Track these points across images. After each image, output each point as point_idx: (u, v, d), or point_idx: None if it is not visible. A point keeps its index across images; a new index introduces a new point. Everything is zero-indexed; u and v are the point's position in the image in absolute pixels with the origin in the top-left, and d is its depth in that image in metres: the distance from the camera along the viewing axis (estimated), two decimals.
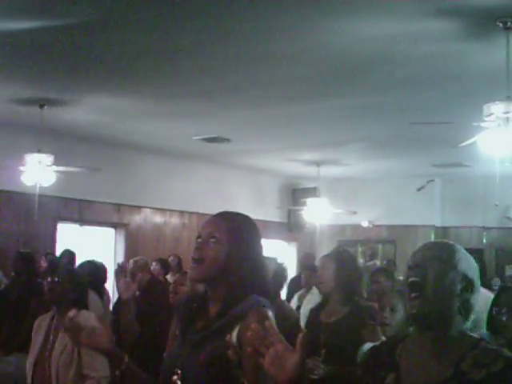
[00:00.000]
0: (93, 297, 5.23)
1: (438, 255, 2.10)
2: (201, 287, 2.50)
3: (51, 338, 4.08)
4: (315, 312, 4.51)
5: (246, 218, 2.45)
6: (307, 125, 9.13)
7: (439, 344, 2.06)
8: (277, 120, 8.88)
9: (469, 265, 2.13)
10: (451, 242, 2.20)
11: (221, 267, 2.28)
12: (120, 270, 4.55)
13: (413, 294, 2.07)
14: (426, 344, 2.08)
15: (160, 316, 5.38)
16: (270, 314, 2.22)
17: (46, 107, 8.17)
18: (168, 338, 4.31)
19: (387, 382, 2.10)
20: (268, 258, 3.63)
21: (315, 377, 3.88)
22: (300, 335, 1.71)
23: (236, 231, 2.34)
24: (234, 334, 2.18)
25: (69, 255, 8.51)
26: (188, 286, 5.03)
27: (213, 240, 2.30)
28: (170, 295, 5.02)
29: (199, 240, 2.33)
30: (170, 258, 9.54)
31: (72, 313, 4.07)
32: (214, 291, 2.32)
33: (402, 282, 5.31)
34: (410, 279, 2.09)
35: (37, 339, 4.13)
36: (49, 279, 4.17)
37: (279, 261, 4.74)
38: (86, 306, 4.25)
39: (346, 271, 4.32)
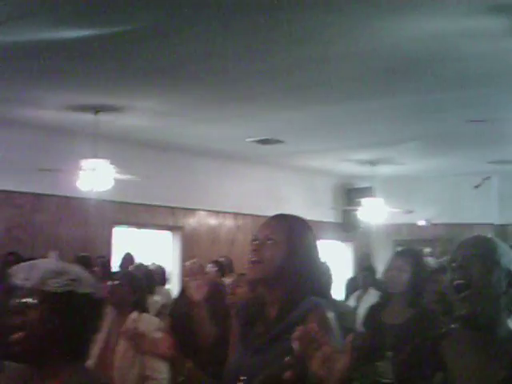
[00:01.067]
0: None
1: (479, 253, 2.05)
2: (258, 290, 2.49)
3: (112, 340, 4.13)
4: (375, 311, 4.40)
5: (302, 220, 2.45)
6: (361, 124, 9.05)
7: (489, 344, 2.01)
8: (330, 120, 8.83)
9: (510, 259, 2.08)
10: (489, 237, 2.14)
11: (278, 269, 2.28)
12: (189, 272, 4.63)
13: (460, 295, 2.02)
14: (475, 344, 2.03)
15: (218, 318, 5.41)
16: (330, 315, 2.21)
17: (101, 113, 8.30)
18: (226, 341, 4.32)
19: (436, 381, 2.05)
20: None
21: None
22: (349, 337, 1.69)
23: (293, 233, 2.34)
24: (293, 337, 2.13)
25: (129, 258, 8.64)
26: (245, 287, 5.07)
27: (270, 242, 2.31)
28: (227, 297, 5.06)
29: (256, 242, 2.34)
30: (221, 260, 9.57)
31: (133, 315, 4.12)
32: (271, 293, 2.32)
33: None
34: (456, 282, 2.04)
35: (97, 342, 4.19)
36: (109, 282, 4.23)
37: (322, 260, 4.71)
38: (146, 309, 4.29)
39: (420, 272, 4.26)
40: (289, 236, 2.32)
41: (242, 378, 2.21)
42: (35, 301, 1.92)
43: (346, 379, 1.65)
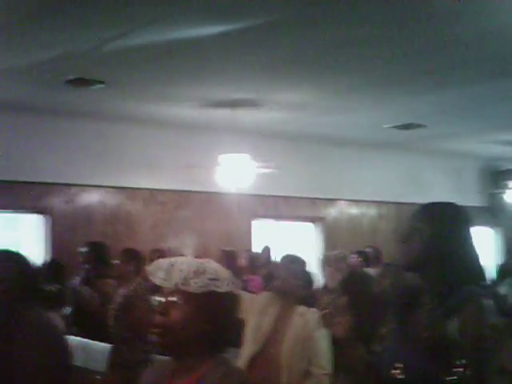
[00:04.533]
0: None
1: None
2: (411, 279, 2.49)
3: (279, 331, 4.10)
4: None
5: (451, 206, 2.39)
6: (507, 103, 8.58)
7: None
8: (473, 100, 8.44)
9: None
10: None
11: (428, 258, 2.25)
12: (325, 261, 4.69)
13: None
14: None
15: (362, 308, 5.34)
16: (487, 303, 2.16)
17: (238, 108, 8.33)
18: (372, 329, 4.21)
19: None
20: None
21: None
22: None
23: (439, 221, 2.29)
24: (453, 326, 2.12)
25: (267, 251, 8.64)
26: (390, 278, 4.93)
27: (416, 232, 2.28)
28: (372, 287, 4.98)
29: (403, 234, 2.33)
30: (367, 250, 9.39)
31: (301, 309, 4.07)
32: (426, 282, 2.31)
33: None
34: None
35: (261, 331, 4.14)
36: (283, 274, 4.22)
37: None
38: (313, 304, 4.23)
39: None
40: (434, 224, 2.28)
41: (397, 365, 2.22)
42: (180, 301, 2.02)
43: None
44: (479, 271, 2.33)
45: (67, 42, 5.98)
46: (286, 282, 4.19)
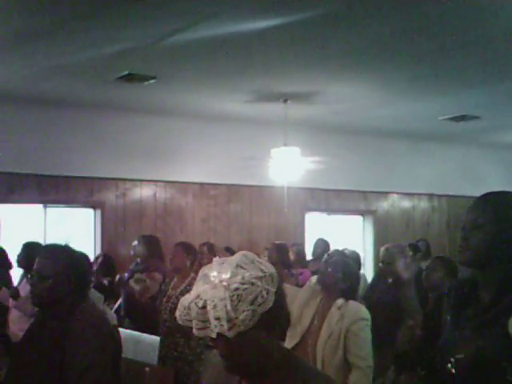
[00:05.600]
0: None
1: None
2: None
3: (317, 323, 4.11)
4: None
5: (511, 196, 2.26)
6: None
7: None
8: None
9: None
10: None
11: (489, 252, 2.16)
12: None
13: None
14: None
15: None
16: None
17: (289, 101, 8.29)
18: (433, 324, 4.19)
19: None
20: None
21: None
22: None
23: (500, 213, 2.18)
24: (510, 322, 2.05)
25: (322, 244, 8.57)
26: (440, 271, 4.91)
27: (477, 227, 2.18)
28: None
29: (463, 229, 2.22)
30: (419, 243, 9.29)
31: (339, 302, 4.05)
32: (484, 276, 2.20)
33: None
34: None
35: (297, 325, 4.14)
36: (322, 267, 4.22)
37: None
38: (354, 297, 4.20)
39: None
40: (496, 217, 2.17)
41: (452, 359, 2.15)
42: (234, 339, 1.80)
43: None
44: None
45: (120, 39, 6.03)
46: (326, 275, 4.17)
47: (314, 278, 4.34)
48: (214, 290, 1.80)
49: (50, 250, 3.25)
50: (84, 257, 3.21)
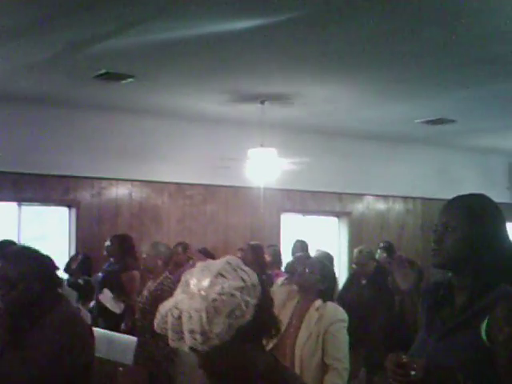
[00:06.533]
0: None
1: None
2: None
3: (294, 325, 4.13)
4: None
5: (484, 199, 2.26)
6: None
7: None
8: (504, 96, 8.33)
9: None
10: None
11: (461, 255, 2.16)
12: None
13: None
14: None
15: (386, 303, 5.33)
16: None
17: (266, 102, 8.30)
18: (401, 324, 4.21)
19: None
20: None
21: None
22: None
23: (474, 215, 2.18)
24: (483, 326, 2.05)
25: (299, 246, 8.58)
26: (415, 274, 4.90)
27: (449, 229, 2.18)
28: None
29: (436, 232, 2.22)
30: (383, 245, 9.28)
31: (317, 303, 4.07)
32: (458, 279, 2.21)
33: None
34: None
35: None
36: (300, 268, 4.24)
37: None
38: (332, 298, 4.22)
39: None
40: (468, 220, 2.18)
41: (414, 365, 2.09)
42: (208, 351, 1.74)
43: None
44: None
45: (97, 36, 5.99)
46: (303, 276, 4.19)
47: (280, 280, 4.36)
48: (191, 300, 1.72)
49: (12, 254, 3.16)
50: (47, 257, 3.17)
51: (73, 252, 8.48)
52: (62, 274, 6.50)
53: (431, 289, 2.34)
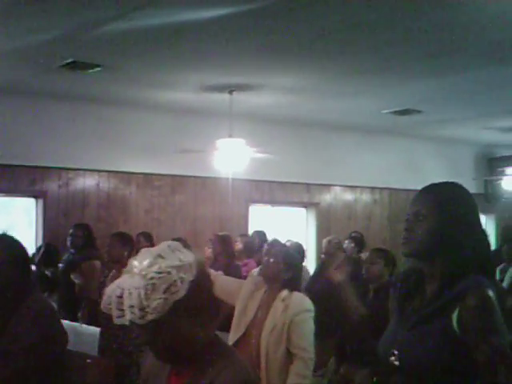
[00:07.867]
0: None
1: None
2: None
3: (261, 314, 4.13)
4: None
5: (456, 187, 2.28)
6: (503, 89, 8.54)
7: None
8: (470, 87, 8.39)
9: None
10: None
11: (432, 244, 2.16)
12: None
13: None
14: None
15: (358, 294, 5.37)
16: (491, 294, 2.07)
17: (234, 93, 8.29)
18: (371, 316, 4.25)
19: None
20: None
21: None
22: None
23: (445, 204, 2.19)
24: (454, 316, 2.06)
25: (258, 236, 8.61)
26: (379, 263, 4.95)
27: (420, 218, 2.19)
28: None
29: (407, 221, 2.22)
30: (354, 235, 9.37)
31: (284, 293, 4.08)
32: (429, 268, 2.21)
33: None
34: None
35: (245, 315, 4.17)
36: (265, 258, 4.20)
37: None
38: (298, 287, 4.22)
39: None
40: (439, 208, 2.18)
41: (395, 352, 2.16)
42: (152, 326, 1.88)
43: None
44: (488, 259, 2.24)
45: (63, 24, 5.91)
46: (268, 266, 4.19)
47: (255, 271, 4.36)
48: (131, 279, 1.86)
49: None
50: (21, 244, 3.18)
51: (40, 243, 8.40)
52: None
53: (402, 277, 2.34)
